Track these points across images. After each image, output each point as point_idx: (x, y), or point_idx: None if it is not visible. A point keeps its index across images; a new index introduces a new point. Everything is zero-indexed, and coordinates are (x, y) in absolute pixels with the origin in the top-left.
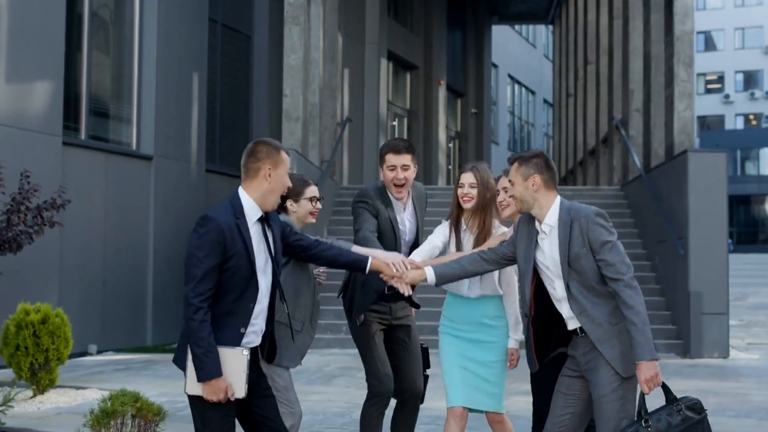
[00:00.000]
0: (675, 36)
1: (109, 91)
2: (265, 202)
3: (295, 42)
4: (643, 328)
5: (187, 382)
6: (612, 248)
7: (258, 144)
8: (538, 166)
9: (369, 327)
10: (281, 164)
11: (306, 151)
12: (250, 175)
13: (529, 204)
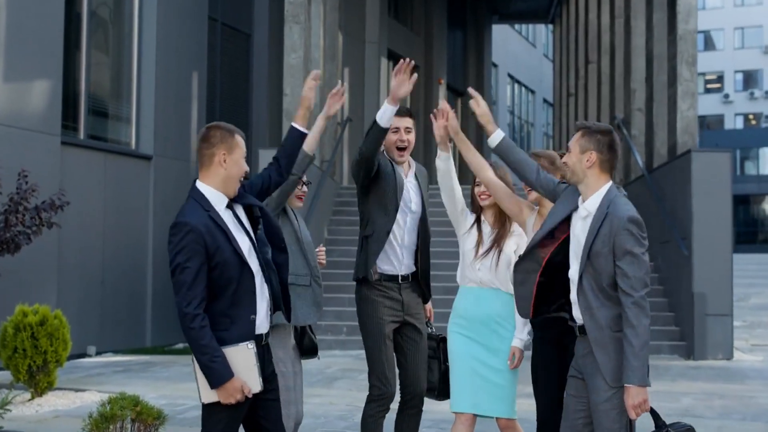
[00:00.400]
0: (678, 35)
1: (108, 91)
2: (227, 189)
3: (296, 41)
4: (640, 352)
5: (200, 391)
6: (634, 261)
7: (210, 129)
8: (600, 144)
9: (383, 326)
10: (236, 148)
11: None
12: (205, 163)
13: (579, 177)
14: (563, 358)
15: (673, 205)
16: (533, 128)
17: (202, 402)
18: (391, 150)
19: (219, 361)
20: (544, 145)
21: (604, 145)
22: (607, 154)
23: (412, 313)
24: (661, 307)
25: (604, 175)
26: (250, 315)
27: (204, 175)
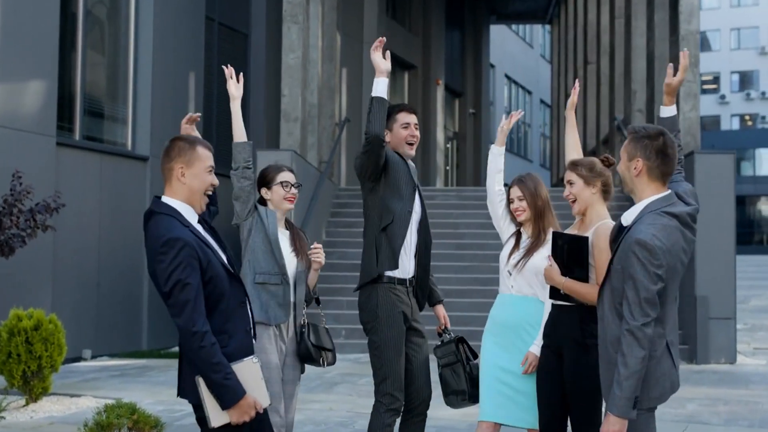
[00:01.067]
0: (680, 35)
1: (103, 91)
2: (193, 204)
3: (294, 41)
4: (624, 382)
5: (209, 414)
6: (633, 287)
7: (171, 141)
8: (647, 149)
9: (403, 335)
10: (196, 162)
11: (305, 152)
12: (166, 177)
13: (629, 187)
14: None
15: None
16: (530, 129)
17: (211, 426)
18: (402, 145)
19: (233, 378)
20: (540, 147)
21: (652, 151)
22: (656, 160)
23: (416, 318)
24: None
25: (654, 184)
26: (246, 327)
27: (168, 191)
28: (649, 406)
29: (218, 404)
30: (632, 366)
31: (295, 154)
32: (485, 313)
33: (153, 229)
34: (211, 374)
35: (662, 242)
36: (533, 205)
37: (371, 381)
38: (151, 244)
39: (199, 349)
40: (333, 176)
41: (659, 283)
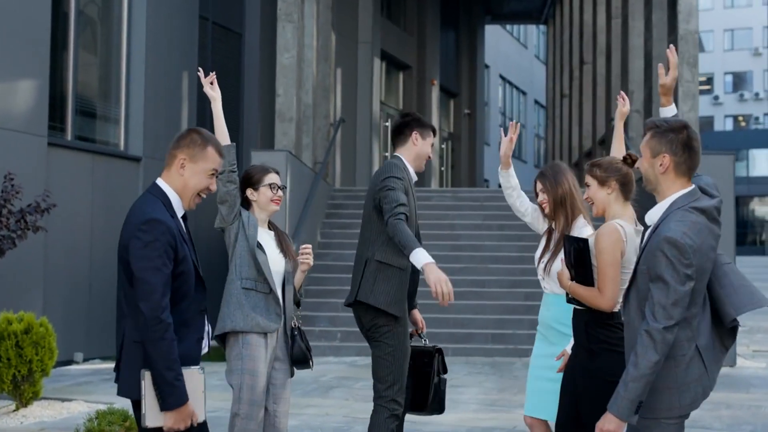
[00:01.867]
0: (679, 35)
1: (96, 91)
2: (183, 198)
3: (289, 40)
4: (630, 384)
5: (146, 413)
6: (662, 288)
7: (189, 131)
8: (673, 144)
9: (408, 333)
10: (201, 160)
11: (299, 153)
12: (168, 163)
13: (652, 185)
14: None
15: None
16: (524, 130)
17: (145, 425)
18: (422, 161)
19: (182, 380)
20: (534, 147)
21: (678, 145)
22: (683, 155)
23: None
24: None
25: (680, 180)
26: (199, 335)
27: (165, 176)
28: (681, 414)
29: (159, 404)
30: (643, 368)
31: (290, 155)
32: (481, 315)
33: (139, 205)
34: (164, 371)
35: (693, 240)
36: (554, 194)
37: (367, 385)
38: (133, 219)
39: (160, 340)
40: (328, 177)
41: (688, 283)
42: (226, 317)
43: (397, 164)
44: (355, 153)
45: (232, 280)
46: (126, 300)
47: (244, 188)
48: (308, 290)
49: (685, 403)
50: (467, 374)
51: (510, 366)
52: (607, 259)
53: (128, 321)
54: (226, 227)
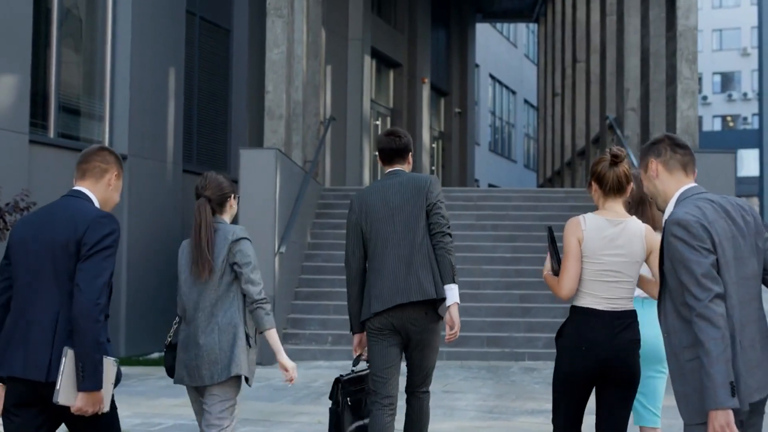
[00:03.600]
0: (678, 31)
1: (79, 87)
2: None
3: (278, 35)
4: (711, 370)
5: (61, 389)
6: (686, 268)
7: (105, 149)
8: (655, 149)
9: None
10: (121, 176)
11: (289, 151)
12: (95, 175)
13: (656, 195)
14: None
15: None
16: (514, 129)
17: (56, 401)
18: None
19: (102, 366)
20: (524, 146)
21: (661, 147)
22: (669, 152)
23: None
24: None
25: (675, 176)
26: (108, 336)
27: (92, 186)
28: (727, 406)
29: (75, 384)
30: (713, 350)
31: (280, 153)
32: (476, 318)
33: (86, 208)
34: (92, 352)
35: (696, 216)
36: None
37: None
38: (92, 212)
39: (95, 322)
40: (318, 176)
41: (710, 256)
42: (241, 361)
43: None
44: (345, 152)
45: (241, 321)
46: (58, 294)
47: (227, 197)
48: (298, 292)
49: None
50: (463, 379)
51: (507, 370)
52: (564, 249)
53: (63, 314)
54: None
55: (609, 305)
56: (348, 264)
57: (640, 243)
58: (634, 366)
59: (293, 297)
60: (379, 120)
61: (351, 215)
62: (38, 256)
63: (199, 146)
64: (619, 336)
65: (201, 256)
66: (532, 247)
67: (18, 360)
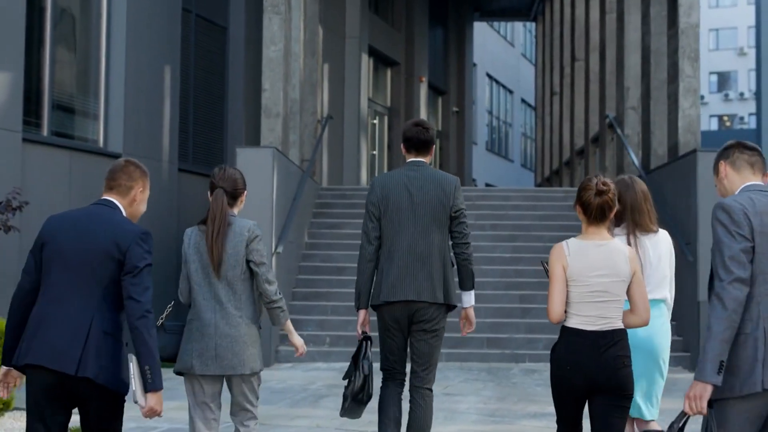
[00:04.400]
0: (680, 29)
1: (74, 85)
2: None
3: (275, 33)
4: (706, 345)
5: (137, 392)
6: (717, 250)
7: (130, 163)
8: (726, 152)
9: None
10: (148, 188)
11: (286, 150)
12: (121, 192)
13: (725, 195)
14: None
15: (676, 208)
16: (511, 129)
17: (140, 401)
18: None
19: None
20: (521, 146)
21: (731, 150)
22: (737, 153)
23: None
24: None
25: (742, 173)
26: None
27: (119, 200)
28: (736, 395)
29: (144, 386)
30: (714, 328)
31: (277, 152)
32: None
33: (127, 222)
34: (155, 355)
35: (742, 204)
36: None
37: None
38: (132, 228)
39: (152, 328)
40: (315, 175)
41: (744, 242)
42: (257, 357)
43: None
44: (343, 151)
45: (257, 313)
46: (95, 297)
47: (240, 192)
48: (295, 293)
49: (726, 387)
50: (463, 381)
51: (507, 372)
52: (550, 275)
53: (97, 316)
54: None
55: (597, 325)
56: (363, 244)
57: (624, 262)
58: (623, 379)
59: (290, 298)
60: (376, 119)
61: (371, 196)
62: (78, 259)
63: (195, 145)
64: (604, 354)
65: (216, 245)
66: (531, 247)
67: (47, 350)
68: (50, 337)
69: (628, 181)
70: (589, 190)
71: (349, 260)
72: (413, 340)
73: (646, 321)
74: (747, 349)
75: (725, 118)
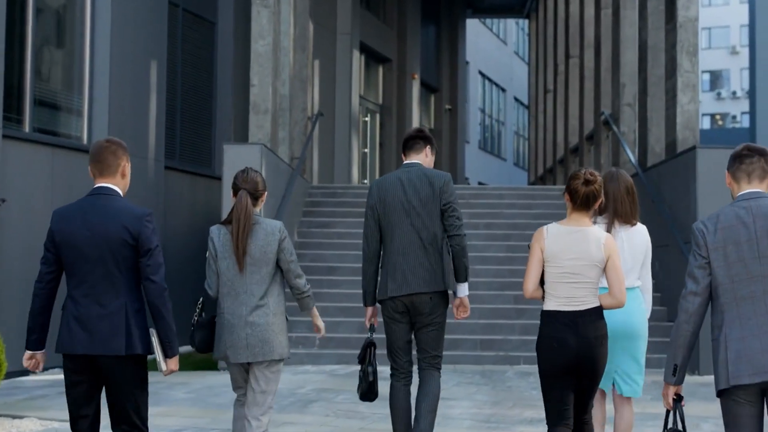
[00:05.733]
0: (678, 23)
1: (57, 80)
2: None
3: (264, 26)
4: (667, 350)
5: (161, 362)
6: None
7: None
8: (730, 162)
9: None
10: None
11: (275, 147)
12: (111, 171)
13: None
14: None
15: (674, 206)
16: (504, 127)
17: (169, 369)
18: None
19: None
20: (514, 144)
21: (731, 160)
22: (736, 164)
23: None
24: (658, 316)
25: (739, 183)
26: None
27: (113, 182)
28: (719, 389)
29: (165, 353)
30: (671, 335)
31: (265, 149)
32: (469, 320)
33: (126, 203)
34: (173, 326)
35: (704, 225)
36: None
37: (349, 398)
38: (137, 211)
39: (168, 302)
40: (305, 173)
41: (701, 259)
42: (285, 345)
43: None
44: (334, 148)
45: (283, 310)
46: (121, 280)
47: (260, 193)
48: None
49: (717, 381)
50: (456, 385)
51: (502, 375)
52: (529, 254)
53: (127, 297)
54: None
55: (570, 306)
56: (364, 246)
57: (597, 248)
58: (598, 360)
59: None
60: (368, 116)
61: (369, 200)
62: (96, 249)
63: (182, 142)
64: (583, 332)
65: (241, 242)
66: (526, 247)
67: (98, 339)
68: (97, 326)
69: (614, 173)
70: (578, 179)
71: (340, 260)
72: (418, 333)
73: (621, 303)
74: (718, 353)
75: (717, 117)
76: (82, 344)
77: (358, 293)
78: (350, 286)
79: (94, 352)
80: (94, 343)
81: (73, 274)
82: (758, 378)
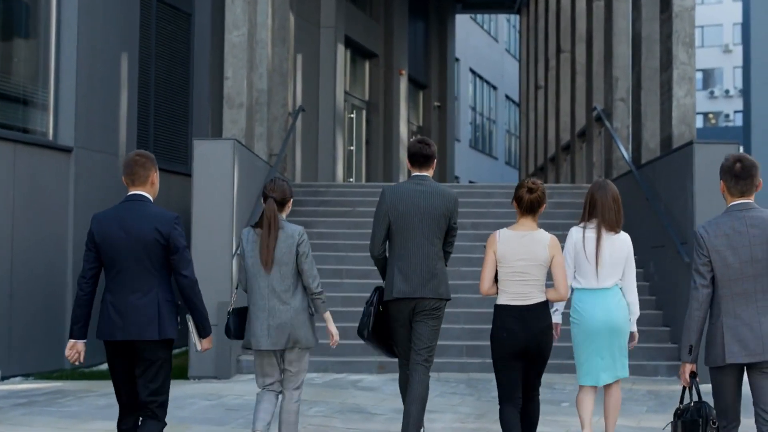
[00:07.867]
0: (673, 12)
1: (20, 73)
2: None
3: (238, 16)
4: (682, 335)
5: (197, 343)
6: (693, 262)
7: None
8: (721, 170)
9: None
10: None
11: (251, 143)
12: (142, 182)
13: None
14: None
15: (669, 204)
16: (495, 125)
17: (204, 349)
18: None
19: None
20: (506, 143)
21: (722, 171)
22: (725, 175)
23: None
24: (653, 320)
25: (730, 195)
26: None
27: (144, 190)
28: (714, 365)
29: (200, 334)
30: (685, 321)
31: (239, 144)
32: (454, 325)
33: (157, 207)
34: (205, 312)
35: (706, 231)
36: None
37: (322, 411)
38: (167, 215)
39: (198, 293)
40: (286, 171)
41: (704, 258)
42: (311, 335)
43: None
44: (317, 146)
45: (305, 305)
46: (154, 275)
47: (286, 200)
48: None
49: (711, 357)
50: (439, 395)
51: (487, 384)
52: (484, 256)
53: (159, 289)
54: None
55: (520, 300)
56: (371, 247)
57: (543, 249)
58: (545, 348)
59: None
60: (353, 113)
61: (381, 205)
62: (133, 248)
63: (156, 138)
64: (530, 324)
65: (269, 248)
66: None
67: (135, 327)
68: (134, 316)
69: (602, 183)
70: (523, 188)
71: (323, 261)
72: (415, 325)
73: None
74: (715, 336)
75: (710, 116)
76: (120, 331)
77: (338, 297)
78: (331, 289)
79: (131, 337)
80: (131, 330)
81: (112, 269)
82: (749, 359)
